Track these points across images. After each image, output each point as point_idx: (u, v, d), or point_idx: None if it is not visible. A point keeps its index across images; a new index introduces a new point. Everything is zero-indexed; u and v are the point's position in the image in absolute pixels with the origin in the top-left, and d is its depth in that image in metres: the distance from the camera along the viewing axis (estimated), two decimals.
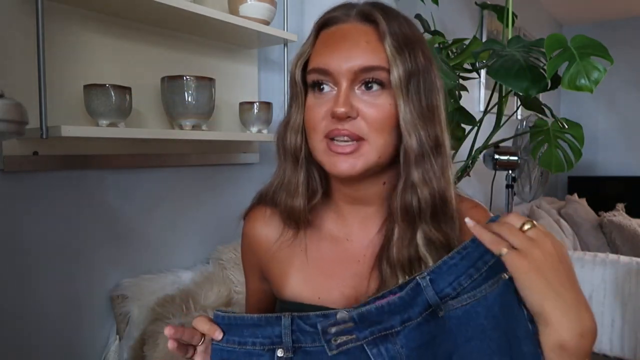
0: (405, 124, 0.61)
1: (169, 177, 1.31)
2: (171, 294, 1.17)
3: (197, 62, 1.33)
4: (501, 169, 1.87)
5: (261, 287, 0.80)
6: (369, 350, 0.56)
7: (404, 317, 0.56)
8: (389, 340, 0.56)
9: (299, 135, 0.66)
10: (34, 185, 1.03)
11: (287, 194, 0.68)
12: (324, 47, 0.63)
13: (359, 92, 0.61)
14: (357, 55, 0.60)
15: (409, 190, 0.63)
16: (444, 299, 0.55)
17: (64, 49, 1.04)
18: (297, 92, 0.65)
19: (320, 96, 0.63)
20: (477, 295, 0.54)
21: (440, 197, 0.63)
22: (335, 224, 0.72)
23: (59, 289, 1.08)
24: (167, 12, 1.11)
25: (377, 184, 0.67)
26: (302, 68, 0.65)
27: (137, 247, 1.24)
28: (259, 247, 0.76)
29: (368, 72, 0.60)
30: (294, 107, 0.66)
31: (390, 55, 0.60)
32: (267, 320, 0.59)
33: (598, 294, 2.43)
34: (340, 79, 0.61)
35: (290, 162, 0.68)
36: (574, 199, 3.52)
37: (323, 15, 0.66)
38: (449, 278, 0.56)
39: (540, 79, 1.37)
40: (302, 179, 0.67)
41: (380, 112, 0.61)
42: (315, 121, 0.63)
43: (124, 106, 1.03)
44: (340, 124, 0.60)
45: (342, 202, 0.71)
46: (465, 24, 2.76)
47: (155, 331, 1.06)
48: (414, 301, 0.56)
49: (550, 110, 1.75)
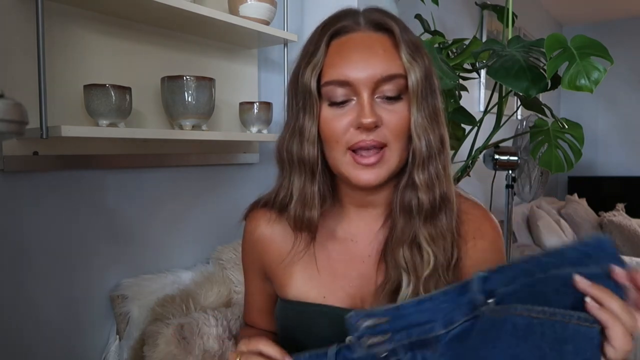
0: (416, 128, 0.62)
1: (169, 177, 1.31)
2: (171, 294, 1.17)
3: (197, 62, 1.33)
4: (501, 169, 1.87)
5: (263, 288, 0.80)
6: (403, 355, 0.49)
7: (447, 319, 0.49)
8: (428, 347, 0.49)
9: (316, 147, 0.65)
10: (34, 185, 1.03)
11: (303, 204, 0.67)
12: (339, 58, 0.63)
13: (379, 101, 0.62)
14: (376, 64, 0.61)
15: (409, 188, 0.64)
16: (492, 296, 0.48)
17: (64, 49, 1.04)
18: (312, 103, 0.64)
19: (338, 107, 0.63)
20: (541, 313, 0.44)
21: (442, 196, 0.64)
22: (341, 225, 0.72)
23: (59, 288, 1.08)
24: (167, 12, 1.11)
25: (388, 187, 0.68)
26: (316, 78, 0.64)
27: (137, 247, 1.24)
28: (263, 247, 0.76)
29: (389, 81, 0.61)
30: (305, 118, 0.65)
31: (407, 62, 0.61)
32: (317, 357, 0.55)
33: None
34: (361, 89, 0.61)
35: (304, 173, 0.67)
36: (574, 199, 3.52)
37: (329, 23, 0.65)
38: (504, 277, 0.48)
39: (540, 79, 1.37)
40: (317, 190, 0.67)
41: (400, 119, 0.62)
42: (338, 133, 0.62)
43: (124, 106, 1.03)
44: (366, 134, 0.61)
45: (349, 204, 0.71)
46: (465, 24, 2.76)
47: (155, 331, 1.06)
48: (460, 299, 0.49)
49: (550, 110, 1.74)
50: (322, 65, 0.64)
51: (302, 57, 0.66)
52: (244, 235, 0.79)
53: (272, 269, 0.75)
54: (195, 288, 1.23)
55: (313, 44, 0.65)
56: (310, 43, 0.66)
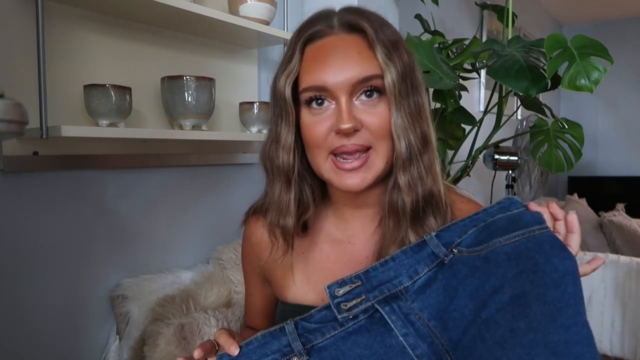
0: (396, 129, 0.61)
1: (169, 177, 1.31)
2: (171, 294, 1.17)
3: (197, 62, 1.33)
4: (501, 169, 1.87)
5: (262, 290, 0.80)
6: (381, 308, 0.55)
7: (411, 272, 0.56)
8: (400, 298, 0.55)
9: (291, 154, 0.65)
10: (34, 185, 1.03)
11: (278, 212, 0.68)
12: (315, 63, 0.62)
13: (357, 103, 0.61)
14: (351, 67, 0.60)
15: (395, 190, 0.63)
16: (450, 246, 0.55)
17: (64, 49, 1.04)
18: (287, 110, 0.63)
19: (318, 112, 0.62)
20: (492, 245, 0.53)
21: (428, 194, 0.63)
22: (337, 227, 0.72)
23: (58, 288, 1.08)
24: (167, 12, 1.11)
25: (379, 187, 0.67)
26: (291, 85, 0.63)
27: (137, 247, 1.24)
28: (260, 251, 0.76)
29: (365, 82, 0.60)
30: (282, 126, 0.64)
31: (383, 62, 0.60)
32: (271, 335, 0.58)
33: (598, 294, 2.43)
34: (338, 93, 0.60)
35: (280, 181, 0.67)
36: (574, 199, 3.52)
37: (302, 28, 0.64)
38: (455, 231, 0.56)
39: (540, 79, 1.37)
40: (293, 198, 0.67)
41: (382, 119, 0.61)
42: (318, 139, 0.62)
43: (124, 106, 1.03)
44: (347, 139, 0.60)
45: (343, 205, 0.71)
46: (465, 24, 2.76)
47: (155, 331, 1.06)
48: (419, 254, 0.56)
49: (550, 110, 1.74)
50: (297, 72, 0.63)
51: (280, 64, 0.65)
52: (243, 238, 0.79)
53: (270, 273, 0.76)
54: (195, 288, 1.23)
55: (290, 50, 0.64)
56: (288, 49, 0.65)
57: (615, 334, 2.38)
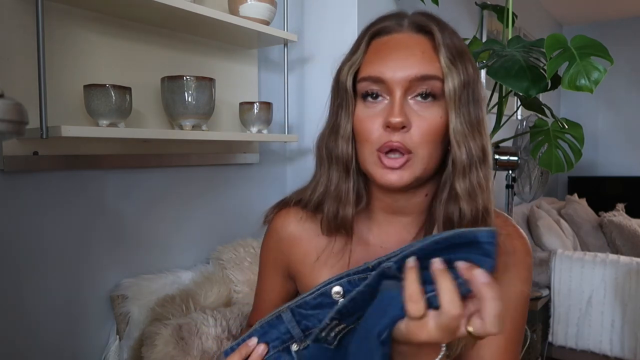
0: (456, 135, 0.61)
1: (169, 177, 1.31)
2: (171, 294, 1.17)
3: (197, 62, 1.33)
4: (501, 169, 1.87)
5: (282, 286, 0.80)
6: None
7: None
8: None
9: (350, 144, 0.66)
10: (34, 185, 1.03)
11: (337, 201, 0.68)
12: (377, 56, 0.63)
13: (411, 102, 0.62)
14: (413, 64, 0.60)
15: (452, 201, 0.63)
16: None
17: (64, 49, 1.04)
18: (348, 100, 0.65)
19: (372, 106, 0.63)
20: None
21: (483, 209, 0.63)
22: (371, 231, 0.72)
23: (58, 289, 1.08)
24: (167, 12, 1.11)
25: (419, 196, 0.67)
26: (352, 76, 0.64)
27: (137, 247, 1.24)
28: (290, 246, 0.75)
29: (423, 82, 0.60)
30: (342, 115, 0.66)
31: (445, 66, 0.60)
32: (269, 325, 0.59)
33: (598, 294, 2.43)
34: (394, 87, 0.61)
35: (339, 170, 0.67)
36: (574, 199, 3.52)
37: (373, 24, 0.66)
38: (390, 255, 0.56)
39: (540, 79, 1.37)
40: (352, 187, 0.67)
41: (431, 124, 0.61)
42: (369, 133, 0.63)
43: (124, 106, 1.03)
44: (394, 135, 0.60)
45: (380, 210, 0.71)
46: (465, 24, 2.76)
47: (153, 332, 1.06)
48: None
49: (550, 110, 1.74)
50: (360, 64, 0.64)
51: (345, 56, 0.67)
52: (269, 232, 0.78)
53: (298, 269, 0.75)
54: (195, 288, 1.23)
55: (357, 42, 0.66)
56: (355, 42, 0.67)
57: (615, 334, 2.38)
